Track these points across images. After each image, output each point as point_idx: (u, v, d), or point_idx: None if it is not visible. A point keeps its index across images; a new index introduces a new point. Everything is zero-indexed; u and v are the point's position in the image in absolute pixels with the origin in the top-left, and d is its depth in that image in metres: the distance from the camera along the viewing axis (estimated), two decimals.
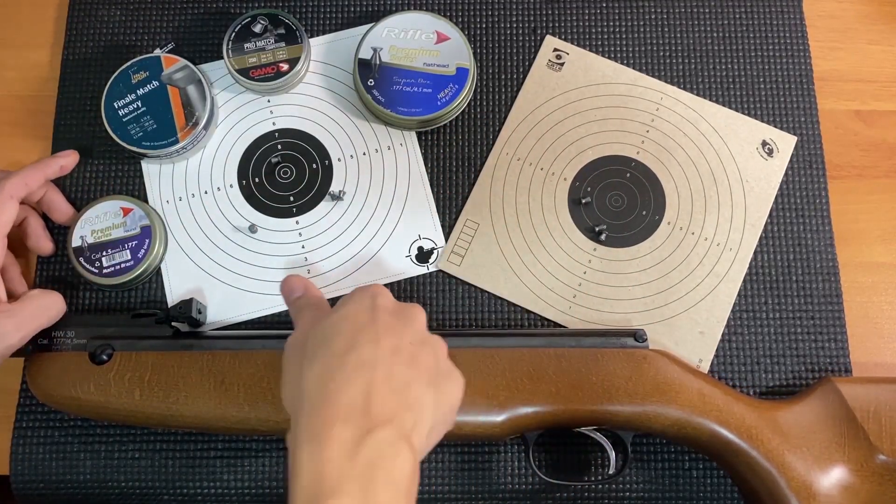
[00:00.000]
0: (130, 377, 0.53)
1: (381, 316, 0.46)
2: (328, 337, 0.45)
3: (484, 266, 0.62)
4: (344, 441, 0.39)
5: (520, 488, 0.58)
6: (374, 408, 0.41)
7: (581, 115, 0.65)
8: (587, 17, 0.68)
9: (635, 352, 0.55)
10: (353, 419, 0.40)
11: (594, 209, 0.64)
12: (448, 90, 0.63)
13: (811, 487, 0.52)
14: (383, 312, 0.47)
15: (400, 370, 0.44)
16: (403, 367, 0.44)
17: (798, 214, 0.64)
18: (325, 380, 0.42)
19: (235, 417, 0.53)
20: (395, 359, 0.44)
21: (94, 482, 0.58)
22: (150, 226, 0.60)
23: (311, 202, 0.63)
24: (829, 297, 0.62)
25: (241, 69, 0.63)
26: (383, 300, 0.48)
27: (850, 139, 0.66)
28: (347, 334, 0.45)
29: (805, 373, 0.61)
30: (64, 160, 0.61)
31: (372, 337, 0.44)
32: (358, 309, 0.47)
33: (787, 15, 0.68)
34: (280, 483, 0.58)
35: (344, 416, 0.40)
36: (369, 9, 0.68)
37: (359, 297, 0.48)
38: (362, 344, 0.44)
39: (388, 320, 0.46)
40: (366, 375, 0.42)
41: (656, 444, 0.59)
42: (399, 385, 0.43)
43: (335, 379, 0.42)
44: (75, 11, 0.68)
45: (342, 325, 0.45)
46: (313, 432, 0.40)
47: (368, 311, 0.47)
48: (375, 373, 0.42)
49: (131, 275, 0.60)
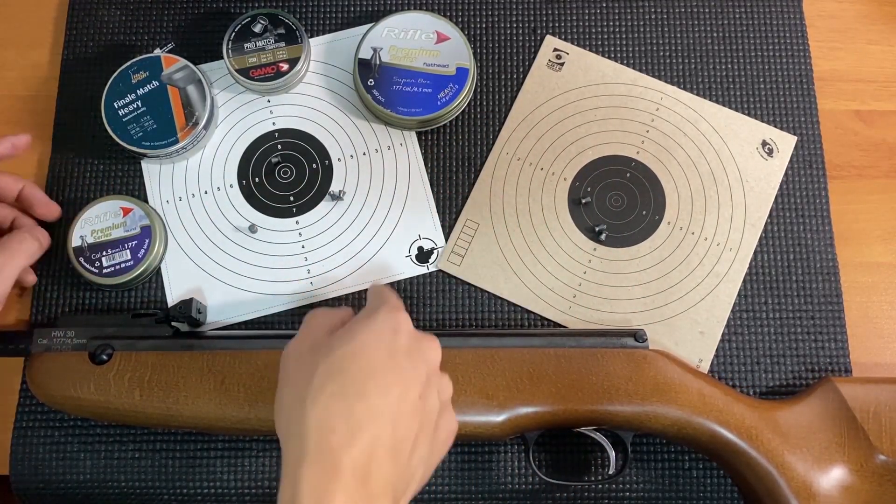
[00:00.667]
0: (130, 377, 0.53)
1: (397, 357, 0.45)
2: (339, 372, 0.43)
3: (484, 266, 0.62)
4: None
5: (520, 488, 0.58)
6: (374, 479, 0.41)
7: (581, 115, 0.65)
8: (587, 17, 0.68)
9: (635, 352, 0.55)
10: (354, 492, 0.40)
11: (594, 209, 0.64)
12: (448, 90, 0.63)
13: (811, 487, 0.52)
14: (400, 352, 0.45)
15: (404, 424, 0.43)
16: (408, 422, 0.43)
17: (798, 214, 0.64)
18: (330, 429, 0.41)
19: (235, 417, 0.53)
20: (401, 411, 0.43)
21: (94, 482, 0.58)
22: (150, 226, 0.60)
23: (311, 202, 0.63)
24: (829, 297, 0.62)
25: (241, 69, 0.63)
26: (402, 337, 0.46)
27: (850, 139, 0.66)
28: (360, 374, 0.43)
29: (805, 373, 0.61)
30: (15, 138, 0.59)
31: (382, 385, 0.43)
32: (377, 344, 0.45)
33: (787, 15, 0.68)
34: (279, 483, 0.58)
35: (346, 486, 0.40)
36: (369, 9, 0.68)
37: (378, 327, 0.46)
38: (372, 393, 0.42)
39: (403, 362, 0.45)
40: (371, 431, 0.41)
41: (656, 444, 0.59)
42: (402, 446, 0.43)
43: (339, 431, 0.41)
44: (75, 11, 0.68)
45: (356, 363, 0.44)
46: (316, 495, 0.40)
47: (387, 347, 0.45)
48: (381, 428, 0.42)
49: (131, 275, 0.60)
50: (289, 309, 0.61)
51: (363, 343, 0.45)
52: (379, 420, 0.42)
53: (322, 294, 0.61)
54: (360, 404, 0.42)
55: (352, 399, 0.42)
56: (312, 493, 0.40)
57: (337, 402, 0.42)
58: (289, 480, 0.41)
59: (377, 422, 0.42)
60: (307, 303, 0.61)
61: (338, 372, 0.43)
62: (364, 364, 0.44)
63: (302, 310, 0.61)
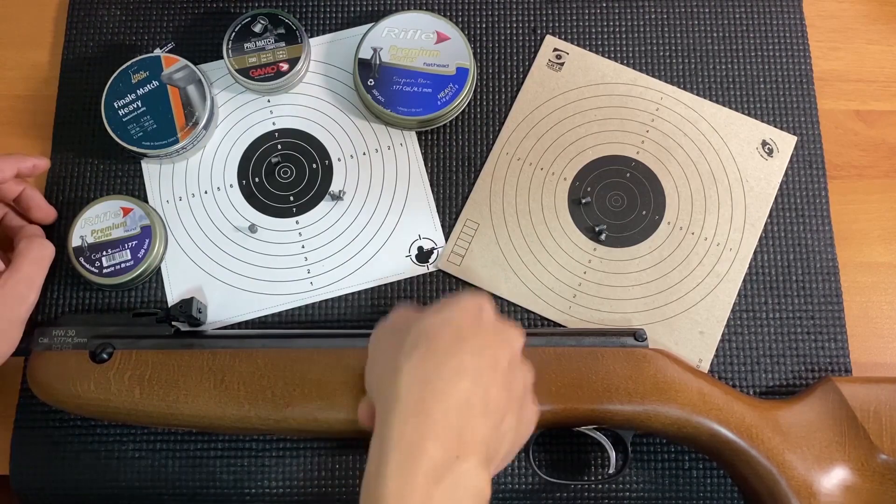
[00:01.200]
0: (130, 375, 0.53)
1: (485, 328, 0.45)
2: (430, 335, 0.44)
3: (484, 266, 0.62)
4: (434, 462, 0.39)
5: (520, 488, 0.58)
6: (467, 432, 0.41)
7: (581, 115, 0.65)
8: (587, 17, 0.68)
9: (635, 351, 0.55)
10: (446, 440, 0.40)
11: (594, 209, 0.64)
12: (448, 90, 0.63)
13: (811, 487, 0.52)
14: (488, 326, 0.46)
15: (496, 393, 0.43)
16: (499, 390, 0.44)
17: (798, 214, 0.64)
18: (423, 381, 0.41)
19: (235, 416, 0.53)
20: (493, 378, 0.43)
21: (94, 482, 0.58)
22: (150, 226, 0.60)
23: (311, 202, 0.63)
24: (829, 297, 0.62)
25: (241, 69, 0.63)
26: (488, 313, 0.47)
27: (850, 139, 0.66)
28: (451, 337, 0.44)
29: (805, 373, 0.61)
30: (38, 160, 0.60)
31: (474, 348, 0.44)
32: (464, 316, 0.45)
33: (787, 15, 0.68)
34: (280, 483, 0.58)
35: (437, 434, 0.40)
36: (369, 9, 0.68)
37: (465, 304, 0.46)
38: (465, 352, 0.43)
39: (492, 336, 0.45)
40: (464, 386, 0.42)
41: (656, 444, 0.59)
42: (493, 410, 0.43)
43: (432, 382, 0.41)
44: (75, 11, 0.68)
45: (446, 328, 0.44)
46: (406, 441, 0.40)
47: (474, 320, 0.46)
48: (474, 387, 0.42)
49: (131, 275, 0.59)
50: (289, 309, 0.61)
51: (452, 314, 0.45)
52: (471, 377, 0.42)
53: (322, 294, 0.61)
54: (453, 360, 0.42)
55: (444, 357, 0.43)
56: (403, 439, 0.40)
57: (430, 359, 0.42)
58: (379, 432, 0.41)
59: (470, 378, 0.42)
60: (307, 303, 0.61)
61: (430, 336, 0.44)
62: (455, 330, 0.44)
63: (302, 310, 0.61)
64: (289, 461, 0.58)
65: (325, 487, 0.58)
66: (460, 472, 0.40)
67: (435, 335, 0.44)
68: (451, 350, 0.43)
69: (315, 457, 0.59)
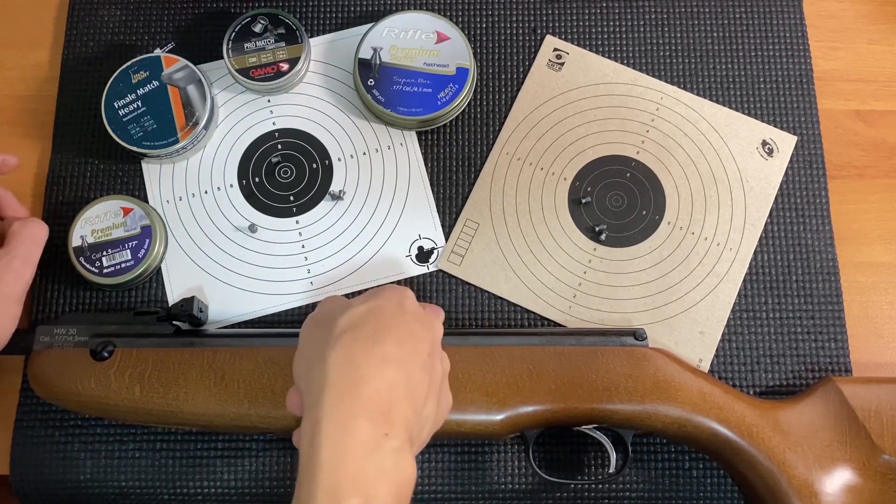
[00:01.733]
0: (131, 374, 0.53)
1: (407, 318, 0.47)
2: (356, 323, 0.45)
3: (484, 266, 0.62)
4: (365, 437, 0.40)
5: (520, 487, 0.58)
6: (394, 412, 0.42)
7: (581, 115, 0.65)
8: (587, 17, 0.68)
9: (635, 350, 0.55)
10: (376, 419, 0.41)
11: (594, 209, 0.64)
12: (448, 90, 0.63)
13: (812, 486, 0.52)
14: (410, 316, 0.47)
15: (418, 378, 0.45)
16: (420, 376, 0.45)
17: (798, 214, 0.64)
18: (350, 365, 0.43)
19: (235, 414, 0.53)
20: (415, 363, 0.45)
21: (94, 482, 0.58)
22: (151, 225, 0.60)
23: (311, 202, 0.64)
24: (829, 297, 0.62)
25: (241, 69, 0.63)
26: (410, 303, 0.49)
27: (850, 139, 0.66)
28: (374, 326, 0.45)
29: (805, 373, 0.60)
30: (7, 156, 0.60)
31: (397, 337, 0.45)
32: (386, 306, 0.47)
33: (787, 15, 0.68)
34: (279, 482, 0.58)
35: (368, 412, 0.41)
36: (369, 9, 0.68)
37: (388, 295, 0.48)
38: (388, 342, 0.44)
39: (413, 324, 0.47)
40: (389, 373, 0.43)
41: (656, 444, 0.59)
42: (416, 394, 0.44)
43: (360, 367, 0.43)
44: (75, 11, 0.68)
45: (370, 317, 0.46)
46: (338, 417, 0.41)
47: (397, 310, 0.47)
48: (398, 373, 0.43)
49: (131, 275, 0.59)
50: (289, 309, 0.61)
51: (377, 304, 0.47)
52: (395, 364, 0.43)
53: (322, 294, 0.61)
54: (378, 348, 0.44)
55: (370, 343, 0.44)
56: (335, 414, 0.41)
57: (356, 345, 0.44)
58: (310, 414, 0.42)
59: (394, 365, 0.43)
60: (307, 303, 0.61)
61: (356, 324, 0.45)
62: (379, 320, 0.46)
63: (302, 310, 0.61)
64: (289, 461, 0.58)
65: None
66: (389, 448, 0.41)
67: (360, 324, 0.45)
68: (375, 338, 0.44)
69: None
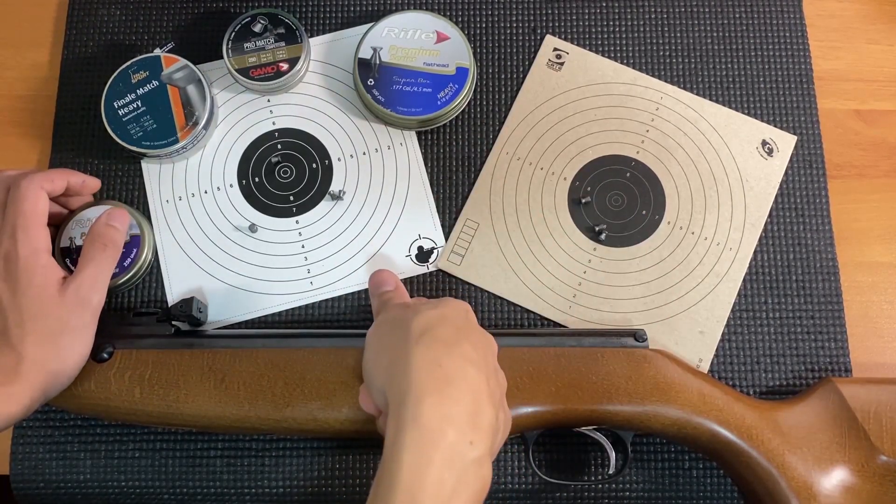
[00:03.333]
0: (131, 375, 0.53)
1: (474, 328, 0.47)
2: (433, 325, 0.45)
3: (484, 266, 0.62)
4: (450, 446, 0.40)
5: (519, 488, 0.58)
6: (479, 418, 0.42)
7: (581, 114, 0.65)
8: (587, 17, 0.68)
9: (635, 351, 0.55)
10: (461, 425, 0.41)
11: (594, 209, 0.64)
12: (448, 90, 0.63)
13: (812, 488, 0.52)
14: (475, 326, 0.48)
15: (493, 383, 0.45)
16: (495, 381, 0.45)
17: (798, 214, 0.64)
18: (434, 365, 0.43)
19: (235, 415, 0.52)
20: (490, 369, 0.45)
21: (94, 482, 0.58)
22: (140, 235, 0.60)
23: (311, 202, 0.63)
24: (829, 297, 0.62)
25: (241, 69, 0.63)
26: (473, 317, 0.49)
27: (850, 139, 0.66)
28: (451, 329, 0.45)
29: (805, 373, 0.61)
30: (88, 178, 0.60)
31: (472, 342, 0.45)
32: (456, 314, 0.47)
33: (787, 15, 0.68)
34: (280, 483, 0.58)
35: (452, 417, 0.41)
36: (369, 8, 0.68)
37: (454, 305, 0.49)
38: (465, 343, 0.44)
39: (479, 334, 0.47)
40: (471, 373, 0.43)
41: (656, 444, 0.59)
42: (494, 399, 0.44)
43: (444, 367, 0.43)
44: (75, 11, 0.68)
45: (444, 321, 0.46)
46: (423, 421, 0.40)
47: (465, 319, 0.47)
48: (479, 375, 0.43)
49: (115, 282, 0.59)
50: (289, 309, 0.61)
51: (446, 311, 0.47)
52: (475, 366, 0.43)
53: (322, 294, 0.61)
54: (458, 349, 0.44)
55: (450, 344, 0.44)
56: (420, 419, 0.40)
57: (437, 345, 0.44)
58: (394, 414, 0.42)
59: (475, 367, 0.43)
60: (307, 303, 0.61)
61: (433, 326, 0.45)
62: (452, 325, 0.46)
63: (302, 310, 0.61)
64: (289, 461, 0.58)
65: (325, 487, 0.58)
66: (471, 459, 0.41)
67: (437, 326, 0.45)
68: (453, 340, 0.44)
69: (315, 457, 0.59)
